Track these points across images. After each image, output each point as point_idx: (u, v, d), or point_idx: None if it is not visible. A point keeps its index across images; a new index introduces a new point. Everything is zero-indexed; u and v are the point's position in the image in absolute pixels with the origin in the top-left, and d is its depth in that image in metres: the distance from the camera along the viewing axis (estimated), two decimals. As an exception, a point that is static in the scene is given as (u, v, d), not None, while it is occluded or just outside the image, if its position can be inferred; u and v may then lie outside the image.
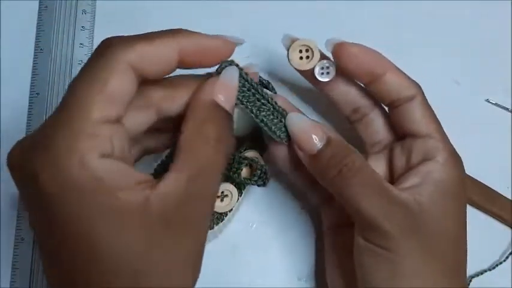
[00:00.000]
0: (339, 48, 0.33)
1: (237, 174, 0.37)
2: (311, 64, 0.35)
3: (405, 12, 0.47)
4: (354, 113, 0.37)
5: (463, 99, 0.45)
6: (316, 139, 0.32)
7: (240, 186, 0.39)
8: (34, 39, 0.46)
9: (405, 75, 0.34)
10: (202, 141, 0.27)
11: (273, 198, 0.43)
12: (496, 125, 0.45)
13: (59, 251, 0.26)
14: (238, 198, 0.38)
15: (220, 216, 0.39)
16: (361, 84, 0.36)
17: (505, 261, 0.42)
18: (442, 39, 0.46)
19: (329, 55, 0.35)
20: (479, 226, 0.42)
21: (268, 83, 0.41)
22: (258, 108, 0.33)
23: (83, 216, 0.25)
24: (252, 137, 0.40)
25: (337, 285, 0.36)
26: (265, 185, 0.37)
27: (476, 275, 0.42)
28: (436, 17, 0.47)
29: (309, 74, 0.35)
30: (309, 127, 0.33)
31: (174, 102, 0.31)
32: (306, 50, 0.35)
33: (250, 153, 0.39)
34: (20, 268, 0.41)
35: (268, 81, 0.41)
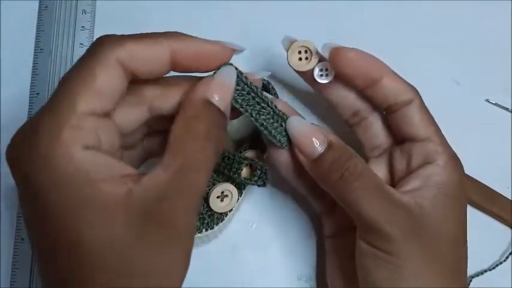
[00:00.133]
0: (335, 52, 0.33)
1: (237, 174, 0.37)
2: (310, 65, 0.35)
3: (405, 12, 0.47)
4: (353, 116, 0.36)
5: (463, 99, 0.45)
6: (317, 143, 0.32)
7: (240, 186, 0.39)
8: (34, 39, 0.46)
9: (402, 80, 0.34)
10: (190, 138, 0.27)
11: (273, 198, 0.43)
12: (496, 125, 0.45)
13: (45, 244, 0.26)
14: (238, 198, 0.38)
15: (220, 216, 0.39)
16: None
17: (505, 261, 0.42)
18: (442, 39, 0.46)
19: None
20: (479, 226, 0.42)
21: (269, 83, 0.41)
22: (257, 112, 0.33)
23: (66, 208, 0.25)
24: (252, 137, 0.40)
25: (338, 286, 0.36)
26: (265, 185, 0.37)
27: (476, 275, 0.42)
28: (436, 17, 0.47)
29: (308, 75, 0.35)
30: (309, 131, 0.33)
31: (167, 100, 0.31)
32: (305, 51, 0.35)
33: (250, 153, 0.39)
34: (20, 268, 0.41)
35: (269, 82, 0.41)
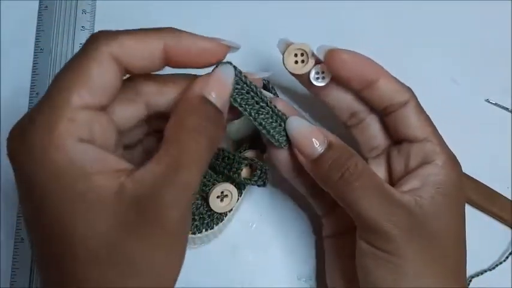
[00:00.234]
0: (330, 55, 0.33)
1: (237, 174, 0.37)
2: (306, 68, 0.34)
3: (405, 12, 0.47)
4: (351, 118, 0.36)
5: (463, 99, 0.45)
6: (317, 143, 0.32)
7: (240, 186, 0.39)
8: (34, 39, 0.46)
9: (397, 81, 0.34)
10: (184, 132, 0.27)
11: (273, 198, 0.43)
12: (496, 125, 0.45)
13: (41, 237, 0.26)
14: (238, 198, 0.38)
15: (220, 216, 0.39)
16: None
17: (505, 261, 0.42)
18: (441, 39, 0.46)
19: None
20: (479, 226, 0.42)
21: (268, 83, 0.41)
22: (256, 111, 0.33)
23: (59, 199, 0.25)
24: (252, 137, 0.40)
25: (337, 286, 0.36)
26: (265, 185, 0.37)
27: (476, 275, 0.42)
28: (436, 17, 0.47)
29: (304, 78, 0.35)
30: (309, 131, 0.33)
31: (164, 97, 0.31)
32: (301, 54, 0.35)
33: (250, 153, 0.39)
34: (20, 268, 0.41)
35: (268, 81, 0.41)
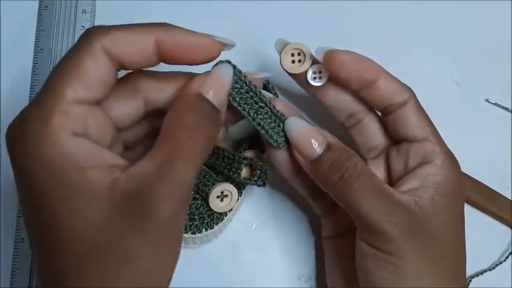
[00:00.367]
0: (329, 56, 0.33)
1: (237, 174, 0.37)
2: (303, 68, 0.34)
3: (405, 12, 0.47)
4: (348, 118, 0.36)
5: (463, 99, 0.45)
6: (316, 144, 0.32)
7: (240, 186, 0.39)
8: (34, 39, 0.46)
9: (397, 80, 0.34)
10: (179, 129, 0.27)
11: (273, 198, 0.43)
12: (496, 125, 0.45)
13: (38, 233, 0.26)
14: (238, 198, 0.38)
15: (220, 216, 0.39)
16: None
17: (505, 261, 0.42)
18: (441, 39, 0.46)
19: None
20: (479, 226, 0.42)
21: (268, 83, 0.41)
22: (255, 111, 0.33)
23: (55, 193, 0.25)
24: (251, 137, 0.40)
25: (337, 286, 0.36)
26: (265, 185, 0.37)
27: (476, 275, 0.42)
28: (436, 17, 0.47)
29: (301, 78, 0.35)
30: (308, 132, 0.33)
31: (162, 93, 0.31)
32: (298, 53, 0.34)
33: (250, 153, 0.39)
34: (20, 268, 0.41)
35: (268, 81, 0.41)
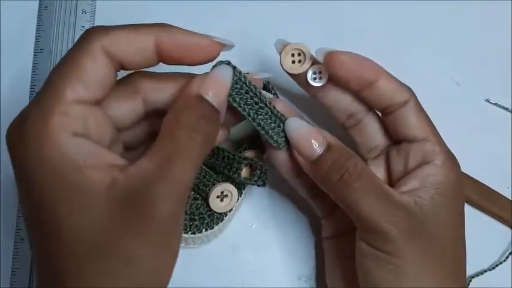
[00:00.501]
0: (329, 57, 0.33)
1: (237, 174, 0.37)
2: (303, 68, 0.34)
3: (405, 12, 0.47)
4: (348, 118, 0.36)
5: (463, 99, 0.45)
6: (316, 144, 0.32)
7: (240, 186, 0.39)
8: (34, 39, 0.46)
9: (397, 80, 0.34)
10: (178, 129, 0.27)
11: (273, 198, 0.43)
12: (496, 125, 0.45)
13: (37, 234, 0.26)
14: (238, 198, 0.38)
15: (220, 216, 0.39)
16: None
17: (505, 261, 0.42)
18: (442, 39, 0.46)
19: None
20: (479, 226, 0.42)
21: (268, 83, 0.41)
22: (255, 112, 0.33)
23: (54, 195, 0.25)
24: (252, 137, 0.40)
25: (337, 286, 0.36)
26: (265, 185, 0.37)
27: (476, 275, 0.42)
28: (436, 17, 0.47)
29: (301, 78, 0.35)
30: (308, 133, 0.33)
31: (161, 93, 0.31)
32: (298, 54, 0.35)
33: (250, 153, 0.39)
34: (20, 268, 0.41)
35: (268, 82, 0.41)
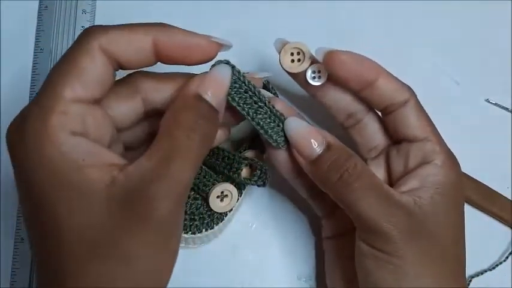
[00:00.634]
0: (329, 56, 0.33)
1: (237, 174, 0.37)
2: (302, 67, 0.34)
3: (405, 12, 0.47)
4: (348, 118, 0.36)
5: (463, 99, 0.45)
6: (315, 144, 0.32)
7: (240, 186, 0.39)
8: (34, 39, 0.46)
9: (397, 80, 0.34)
10: (177, 128, 0.27)
11: (273, 198, 0.43)
12: (496, 125, 0.45)
13: (37, 234, 0.26)
14: (238, 198, 0.38)
15: (220, 216, 0.39)
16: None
17: (505, 261, 0.42)
18: (441, 39, 0.46)
19: None
20: (479, 226, 0.42)
21: (268, 83, 0.41)
22: (254, 111, 0.32)
23: (53, 194, 0.25)
24: (252, 136, 0.40)
25: (337, 286, 0.36)
26: (265, 185, 0.37)
27: (476, 275, 0.42)
28: (436, 17, 0.47)
29: (301, 78, 0.35)
30: (307, 132, 0.33)
31: (160, 93, 0.31)
32: (297, 53, 0.34)
33: (250, 153, 0.39)
34: (20, 268, 0.41)
35: (268, 81, 0.41)
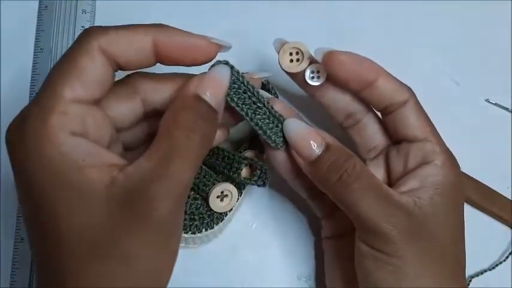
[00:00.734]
0: (328, 56, 0.33)
1: (237, 174, 0.37)
2: (301, 67, 0.34)
3: (405, 12, 0.47)
4: (347, 119, 0.36)
5: (463, 99, 0.45)
6: (314, 145, 0.32)
7: (240, 186, 0.39)
8: (34, 39, 0.46)
9: (397, 80, 0.34)
10: (176, 129, 0.27)
11: (272, 198, 0.43)
12: (496, 125, 0.45)
13: (37, 234, 0.26)
14: (238, 198, 0.38)
15: (220, 216, 0.39)
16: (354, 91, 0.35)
17: (505, 261, 0.42)
18: (441, 39, 0.46)
19: None
20: (479, 226, 0.42)
21: (268, 83, 0.41)
22: (253, 111, 0.32)
23: (53, 194, 0.25)
24: (251, 136, 0.40)
25: (337, 286, 0.36)
26: (265, 185, 0.37)
27: (476, 275, 0.42)
28: (436, 17, 0.47)
29: (299, 77, 0.35)
30: (306, 133, 0.33)
31: (160, 94, 0.31)
32: (296, 52, 0.35)
33: (250, 153, 0.39)
34: (20, 268, 0.41)
35: (268, 82, 0.41)
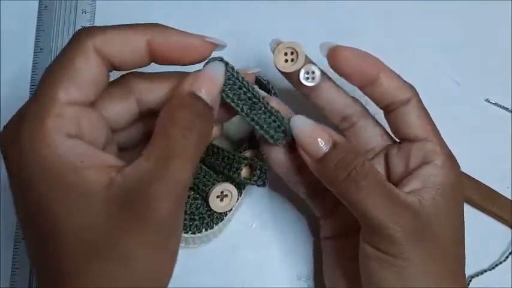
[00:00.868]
0: (333, 52, 0.33)
1: (237, 174, 0.37)
2: (296, 67, 0.34)
3: (405, 12, 0.47)
4: (343, 121, 0.36)
5: (463, 99, 0.45)
6: (322, 142, 0.32)
7: (240, 186, 0.39)
8: (34, 39, 0.46)
9: (400, 78, 0.34)
10: (173, 128, 0.27)
11: (272, 198, 0.43)
12: (496, 125, 0.45)
13: (34, 234, 0.26)
14: (238, 198, 0.38)
15: (220, 216, 0.39)
16: (351, 92, 0.36)
17: (505, 261, 0.42)
18: (442, 39, 0.46)
19: (323, 59, 0.34)
20: (479, 226, 0.42)
21: (268, 83, 0.41)
22: (249, 107, 0.32)
23: (51, 197, 0.25)
24: (251, 136, 0.40)
25: (337, 286, 0.36)
26: (265, 185, 0.37)
27: (476, 275, 0.42)
28: (436, 17, 0.47)
29: (294, 78, 0.35)
30: (313, 130, 0.32)
31: (154, 93, 0.31)
32: (291, 52, 0.34)
33: (250, 153, 0.39)
34: (20, 268, 0.41)
35: (268, 81, 0.41)
